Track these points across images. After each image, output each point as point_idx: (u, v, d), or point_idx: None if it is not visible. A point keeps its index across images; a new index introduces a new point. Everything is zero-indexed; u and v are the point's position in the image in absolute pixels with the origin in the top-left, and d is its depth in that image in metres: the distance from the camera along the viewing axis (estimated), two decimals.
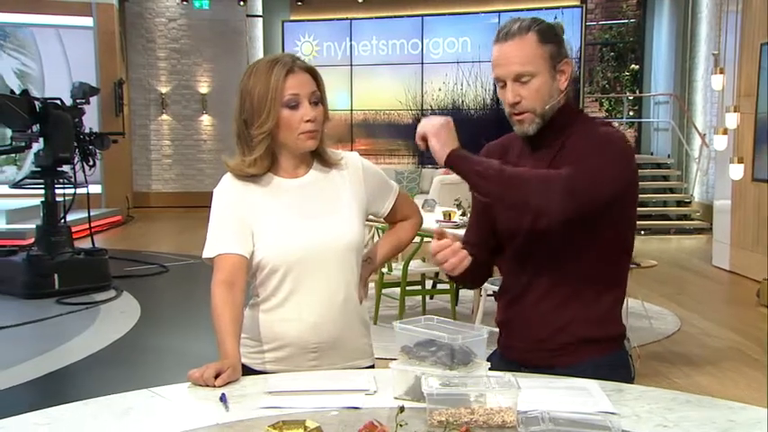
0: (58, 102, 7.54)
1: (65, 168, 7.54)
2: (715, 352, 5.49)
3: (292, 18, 14.04)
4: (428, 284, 6.53)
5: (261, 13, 14.19)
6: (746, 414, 1.59)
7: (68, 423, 1.57)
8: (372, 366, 2.09)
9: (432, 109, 13.02)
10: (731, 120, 7.40)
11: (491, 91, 12.73)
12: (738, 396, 4.40)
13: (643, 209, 11.62)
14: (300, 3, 13.81)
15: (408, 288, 6.06)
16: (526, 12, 11.31)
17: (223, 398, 1.67)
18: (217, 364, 1.78)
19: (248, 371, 1.94)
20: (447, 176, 10.05)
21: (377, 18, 13.57)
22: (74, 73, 12.43)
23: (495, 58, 1.94)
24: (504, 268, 2.10)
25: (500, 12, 12.51)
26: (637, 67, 14.41)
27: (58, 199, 7.50)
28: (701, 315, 6.48)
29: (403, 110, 13.52)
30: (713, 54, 8.97)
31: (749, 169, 7.60)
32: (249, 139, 2.00)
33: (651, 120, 13.94)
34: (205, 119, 14.40)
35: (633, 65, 14.53)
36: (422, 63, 13.33)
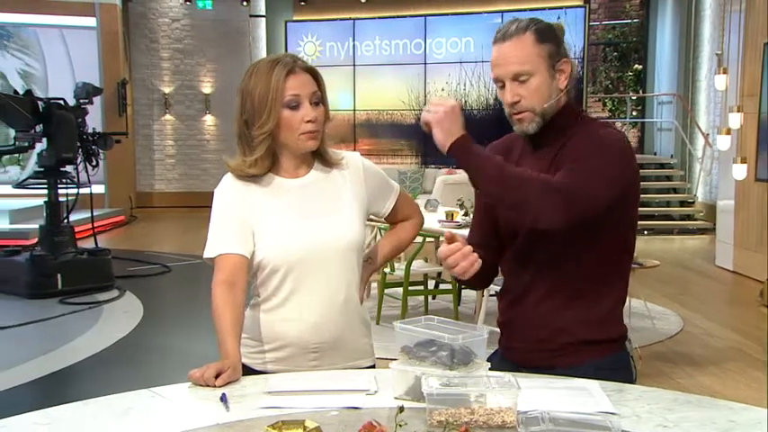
0: (62, 102, 7.56)
1: (68, 168, 7.55)
2: (718, 352, 5.48)
3: (295, 18, 14.05)
4: (431, 284, 6.54)
5: (264, 14, 14.21)
6: (747, 414, 1.59)
7: (68, 423, 1.57)
8: (373, 366, 2.09)
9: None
10: (734, 120, 7.39)
11: (494, 91, 12.54)
12: (741, 396, 4.39)
13: (646, 209, 11.60)
14: (303, 3, 13.82)
15: (411, 288, 6.07)
16: (529, 12, 11.31)
17: (223, 398, 1.67)
18: (217, 364, 1.78)
19: (249, 371, 1.94)
20: (450, 177, 10.06)
21: (380, 18, 13.58)
22: (77, 73, 12.46)
23: (493, 59, 1.94)
24: (505, 268, 2.09)
25: (503, 12, 12.50)
26: (640, 67, 14.39)
27: (62, 199, 7.51)
28: (704, 315, 6.47)
29: (406, 110, 13.53)
30: (716, 54, 8.96)
31: (752, 169, 7.59)
32: (250, 140, 2.00)
33: (654, 120, 13.93)
34: (208, 119, 14.42)
35: (636, 65, 14.50)
36: (425, 63, 13.34)
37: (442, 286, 6.47)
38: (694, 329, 6.04)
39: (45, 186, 7.50)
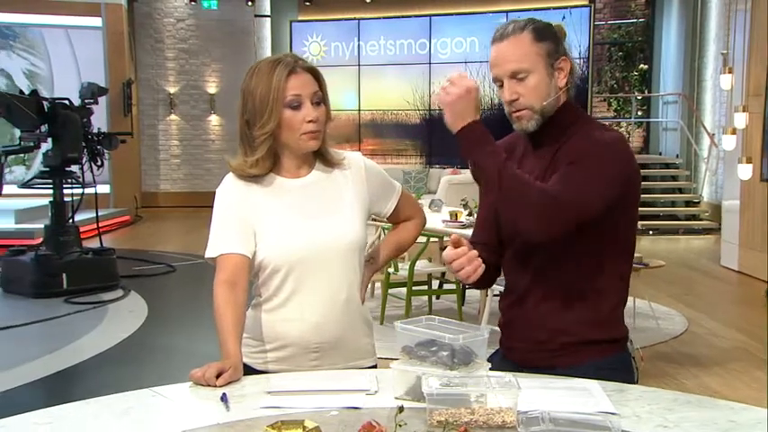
0: (67, 102, 7.57)
1: (73, 168, 7.57)
2: (723, 352, 5.47)
3: (300, 18, 14.05)
4: (434, 284, 6.53)
5: (269, 14, 14.22)
6: (747, 414, 1.59)
7: (69, 422, 1.58)
8: (375, 366, 2.09)
9: (440, 109, 12.98)
10: (740, 119, 7.37)
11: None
12: (745, 397, 4.38)
13: (651, 209, 11.59)
14: (308, 3, 13.83)
15: (415, 288, 6.06)
16: (534, 11, 11.29)
17: (224, 397, 1.67)
18: (218, 364, 1.78)
19: (250, 370, 1.94)
20: (455, 177, 10.07)
21: (385, 18, 13.57)
22: (83, 73, 12.49)
23: (492, 59, 1.95)
24: (506, 269, 2.09)
25: (508, 11, 12.48)
26: (645, 67, 14.35)
27: (67, 199, 7.53)
28: (709, 315, 6.46)
29: (411, 110, 13.52)
30: (722, 53, 8.93)
31: (758, 169, 7.57)
32: (251, 140, 2.00)
33: (660, 120, 13.90)
34: (213, 119, 14.44)
35: (642, 64, 14.46)
36: (429, 63, 13.32)
37: (446, 286, 6.47)
38: (699, 330, 6.02)
39: (50, 186, 7.52)
